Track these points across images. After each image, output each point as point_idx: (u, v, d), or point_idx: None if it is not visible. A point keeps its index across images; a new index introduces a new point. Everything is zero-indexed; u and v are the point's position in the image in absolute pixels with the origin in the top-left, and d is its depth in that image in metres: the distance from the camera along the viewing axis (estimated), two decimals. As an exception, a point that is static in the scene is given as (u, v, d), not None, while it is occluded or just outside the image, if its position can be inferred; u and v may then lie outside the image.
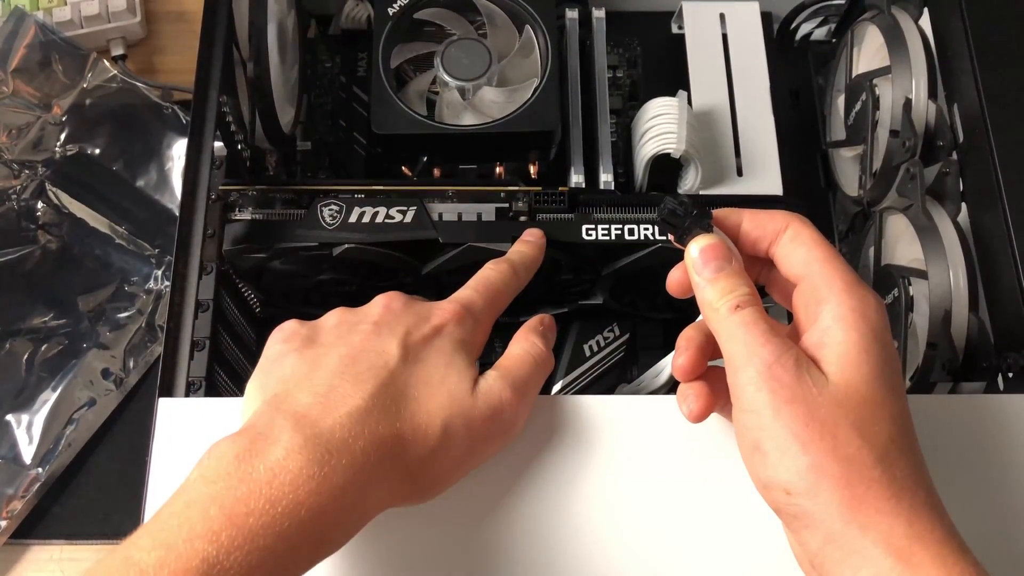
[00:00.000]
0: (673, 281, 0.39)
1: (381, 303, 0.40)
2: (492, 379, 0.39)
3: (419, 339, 0.38)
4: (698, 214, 0.37)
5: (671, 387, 0.46)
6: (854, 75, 0.57)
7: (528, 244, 0.47)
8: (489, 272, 0.44)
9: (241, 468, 0.32)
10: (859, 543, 0.31)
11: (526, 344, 0.41)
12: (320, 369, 0.36)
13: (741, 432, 0.34)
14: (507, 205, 0.52)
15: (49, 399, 0.58)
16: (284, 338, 0.39)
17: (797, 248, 0.36)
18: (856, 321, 0.34)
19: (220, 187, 0.50)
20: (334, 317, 0.40)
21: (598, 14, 0.59)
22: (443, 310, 0.40)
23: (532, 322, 0.43)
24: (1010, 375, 0.45)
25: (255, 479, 0.32)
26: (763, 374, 0.33)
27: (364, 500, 0.34)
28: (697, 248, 0.36)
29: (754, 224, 0.38)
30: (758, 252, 0.38)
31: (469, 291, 0.42)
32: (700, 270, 0.36)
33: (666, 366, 0.47)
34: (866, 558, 0.31)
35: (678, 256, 0.38)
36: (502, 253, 0.50)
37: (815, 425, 0.32)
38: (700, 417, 0.38)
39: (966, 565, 0.31)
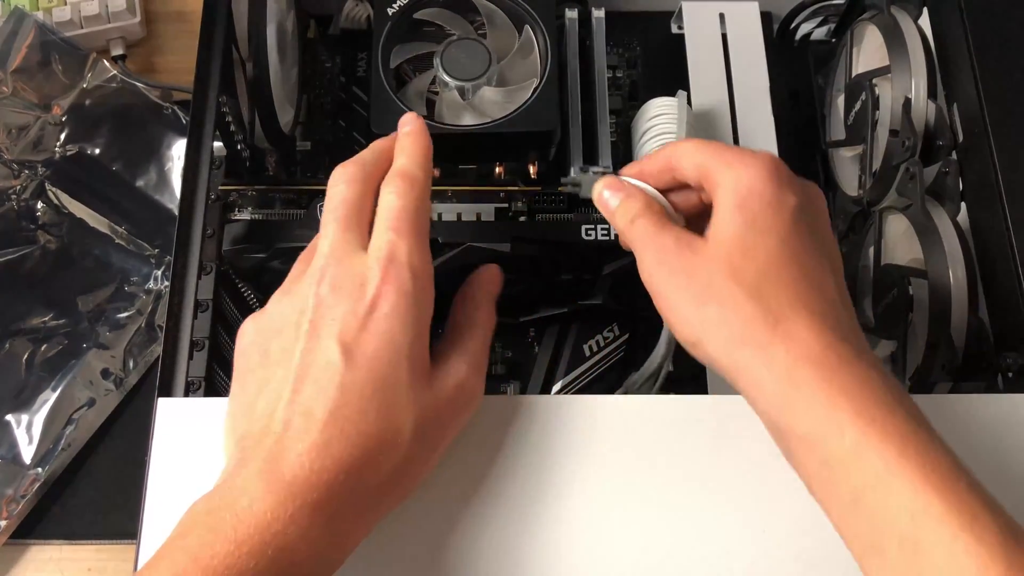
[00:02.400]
0: None
1: (312, 292, 0.37)
2: (447, 360, 0.38)
3: (358, 327, 0.36)
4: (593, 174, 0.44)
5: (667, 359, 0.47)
6: (854, 75, 0.57)
7: (410, 136, 0.42)
8: (392, 199, 0.38)
9: (210, 519, 0.33)
10: (749, 377, 0.35)
11: (475, 314, 0.41)
12: (274, 399, 0.36)
13: (663, 316, 0.39)
14: (507, 205, 0.52)
15: (49, 399, 0.58)
16: (242, 351, 0.38)
17: (686, 158, 0.39)
18: (731, 188, 0.37)
19: (220, 187, 0.50)
20: (275, 317, 0.38)
21: (598, 14, 0.59)
22: (374, 278, 0.36)
23: (480, 285, 0.43)
24: (1010, 375, 0.45)
25: (222, 527, 0.32)
26: (655, 257, 0.38)
27: (336, 525, 0.34)
28: (596, 191, 0.42)
29: (655, 162, 0.41)
30: (672, 182, 0.41)
31: (390, 236, 0.37)
32: (605, 206, 0.42)
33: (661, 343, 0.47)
34: (757, 387, 0.35)
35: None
36: (502, 253, 0.50)
37: (695, 284, 0.37)
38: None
39: (846, 374, 0.33)
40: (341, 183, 0.39)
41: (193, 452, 0.40)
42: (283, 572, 0.32)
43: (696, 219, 0.41)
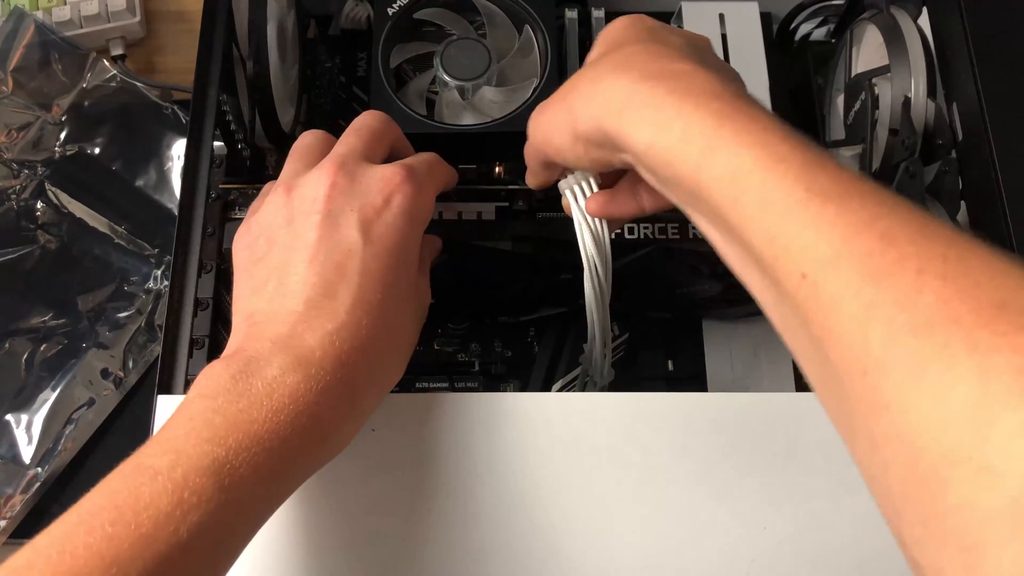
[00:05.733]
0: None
1: (327, 181, 0.39)
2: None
3: (373, 216, 0.38)
4: None
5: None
6: (853, 74, 0.57)
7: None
8: (422, 154, 0.44)
9: (239, 385, 0.34)
10: (611, 126, 0.35)
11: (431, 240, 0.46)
12: (292, 280, 0.37)
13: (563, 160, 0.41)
14: (507, 204, 0.52)
15: (48, 399, 0.58)
16: (247, 244, 0.40)
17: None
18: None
19: (220, 186, 0.50)
20: (281, 208, 0.39)
21: (597, 14, 0.59)
22: (391, 176, 0.39)
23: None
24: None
25: (254, 393, 0.33)
26: (535, 112, 0.41)
27: (360, 402, 0.37)
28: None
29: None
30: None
31: (411, 160, 0.42)
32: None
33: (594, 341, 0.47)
34: (617, 133, 0.35)
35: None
36: (503, 252, 0.50)
37: (557, 95, 0.39)
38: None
39: (673, 81, 0.34)
40: (371, 118, 0.43)
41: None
42: (315, 437, 0.34)
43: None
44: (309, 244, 0.37)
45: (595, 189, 0.42)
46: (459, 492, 0.39)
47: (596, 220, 0.42)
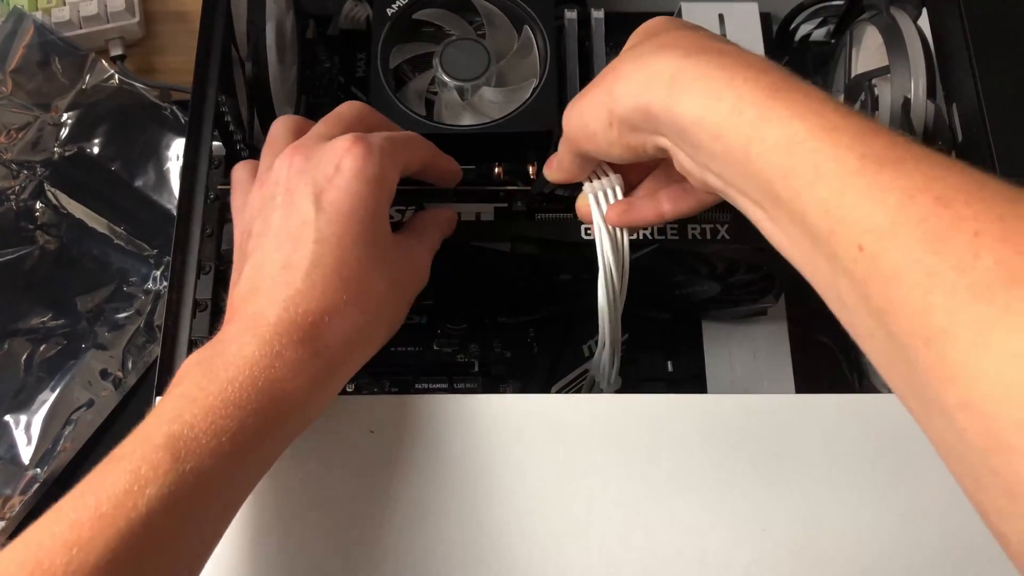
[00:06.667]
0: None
1: (286, 164, 0.40)
2: (405, 238, 0.43)
3: (325, 184, 0.39)
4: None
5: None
6: (853, 75, 0.57)
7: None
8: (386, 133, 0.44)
9: (201, 368, 0.35)
10: (657, 102, 0.35)
11: (429, 217, 0.46)
12: (259, 263, 0.39)
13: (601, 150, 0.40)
14: (506, 205, 0.52)
15: (47, 399, 0.58)
16: (238, 245, 0.42)
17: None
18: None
19: (219, 187, 0.50)
20: (256, 202, 0.41)
21: (597, 15, 0.59)
22: (339, 144, 0.40)
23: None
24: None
25: (214, 371, 0.35)
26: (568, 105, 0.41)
27: (327, 366, 0.37)
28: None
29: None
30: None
31: (371, 133, 0.42)
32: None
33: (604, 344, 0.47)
34: (660, 105, 0.35)
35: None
36: (502, 253, 0.50)
37: (594, 84, 0.39)
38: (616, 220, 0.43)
39: (719, 56, 0.34)
40: (344, 106, 0.44)
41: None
42: (275, 400, 0.35)
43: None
44: (273, 227, 0.39)
45: (620, 197, 0.42)
46: (458, 493, 0.39)
47: (616, 227, 0.42)
